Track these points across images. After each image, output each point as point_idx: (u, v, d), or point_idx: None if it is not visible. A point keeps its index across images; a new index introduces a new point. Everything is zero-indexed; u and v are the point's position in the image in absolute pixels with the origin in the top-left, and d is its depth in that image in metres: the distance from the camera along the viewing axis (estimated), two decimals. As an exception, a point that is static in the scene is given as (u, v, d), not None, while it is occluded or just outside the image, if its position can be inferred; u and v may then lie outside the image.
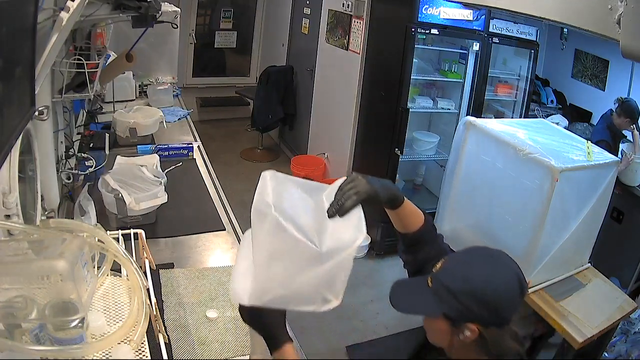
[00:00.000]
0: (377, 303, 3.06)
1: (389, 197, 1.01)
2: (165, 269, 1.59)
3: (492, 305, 0.94)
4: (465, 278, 0.96)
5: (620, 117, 3.34)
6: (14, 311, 0.75)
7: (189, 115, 3.19)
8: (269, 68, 4.86)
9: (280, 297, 0.86)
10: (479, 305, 0.94)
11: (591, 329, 1.85)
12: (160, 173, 1.98)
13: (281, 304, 0.88)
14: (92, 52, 1.81)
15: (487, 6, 1.69)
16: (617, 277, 2.81)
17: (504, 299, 0.95)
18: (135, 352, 0.90)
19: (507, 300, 0.96)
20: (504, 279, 0.96)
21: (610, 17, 1.03)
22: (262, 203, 0.83)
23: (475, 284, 0.95)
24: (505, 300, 0.95)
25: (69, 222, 0.99)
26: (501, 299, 0.95)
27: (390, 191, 1.02)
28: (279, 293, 0.85)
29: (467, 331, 0.96)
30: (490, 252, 1.01)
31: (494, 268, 0.98)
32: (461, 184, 2.27)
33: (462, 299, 0.95)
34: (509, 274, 0.97)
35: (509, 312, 0.97)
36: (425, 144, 3.68)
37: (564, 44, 4.33)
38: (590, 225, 2.08)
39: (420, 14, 3.13)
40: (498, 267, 0.99)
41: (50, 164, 1.56)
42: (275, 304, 0.88)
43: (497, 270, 0.98)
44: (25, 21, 0.85)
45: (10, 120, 0.84)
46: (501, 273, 0.97)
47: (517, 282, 0.97)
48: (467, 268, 0.99)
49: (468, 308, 0.94)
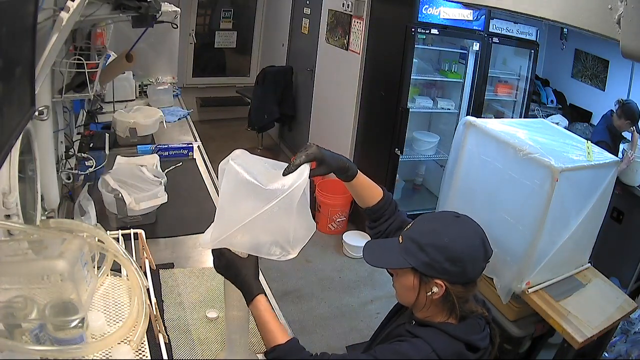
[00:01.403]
0: (377, 303, 3.07)
1: (338, 165, 1.11)
2: (165, 269, 1.59)
3: (458, 261, 1.00)
4: (434, 233, 1.03)
5: (620, 118, 3.35)
6: (14, 311, 0.75)
7: (189, 115, 3.19)
8: (266, 68, 4.87)
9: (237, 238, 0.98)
10: (446, 259, 1.00)
11: (591, 329, 1.85)
12: (160, 173, 1.98)
13: (241, 245, 1.00)
14: (92, 52, 1.81)
15: (487, 6, 1.68)
16: (617, 277, 2.81)
17: (469, 256, 1.01)
18: (135, 352, 0.90)
19: (472, 258, 1.02)
20: (470, 239, 1.03)
21: (610, 17, 1.03)
22: (224, 161, 0.98)
23: (443, 239, 1.01)
24: (470, 258, 1.02)
25: (69, 222, 0.99)
26: (466, 256, 1.01)
27: (341, 161, 1.12)
28: (235, 234, 0.97)
29: (435, 287, 1.02)
30: (458, 215, 1.08)
31: (461, 228, 1.05)
32: (461, 184, 2.27)
33: (429, 250, 1.01)
34: (475, 236, 1.04)
35: (473, 272, 1.03)
36: (425, 144, 3.69)
37: (564, 44, 4.33)
38: (590, 225, 2.08)
39: (420, 14, 3.13)
40: (465, 228, 1.06)
41: (50, 164, 1.56)
42: (234, 245, 1.00)
43: (464, 230, 1.05)
44: (25, 21, 0.85)
45: (10, 120, 0.84)
46: (467, 234, 1.04)
47: (482, 244, 1.04)
48: (435, 225, 1.06)
49: (436, 260, 1.00)
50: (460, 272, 1.01)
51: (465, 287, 1.04)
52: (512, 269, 1.99)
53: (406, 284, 1.06)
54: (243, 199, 0.97)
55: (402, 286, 1.08)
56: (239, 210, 0.97)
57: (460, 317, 1.06)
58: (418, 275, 1.03)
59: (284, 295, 3.06)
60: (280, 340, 1.00)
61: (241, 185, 0.96)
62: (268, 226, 0.97)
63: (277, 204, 0.95)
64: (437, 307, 1.06)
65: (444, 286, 1.02)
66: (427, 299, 1.04)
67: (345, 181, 1.17)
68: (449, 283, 1.02)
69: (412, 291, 1.05)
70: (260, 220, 0.95)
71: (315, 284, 3.22)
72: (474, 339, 1.03)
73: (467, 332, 1.04)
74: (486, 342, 1.06)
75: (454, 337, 1.02)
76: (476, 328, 1.06)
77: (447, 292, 1.02)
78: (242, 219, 0.96)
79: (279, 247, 1.01)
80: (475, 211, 2.20)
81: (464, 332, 1.03)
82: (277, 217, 0.96)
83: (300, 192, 0.98)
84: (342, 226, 3.83)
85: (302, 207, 1.02)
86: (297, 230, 1.01)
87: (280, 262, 3.53)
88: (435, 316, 1.07)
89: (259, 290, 1.03)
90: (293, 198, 0.97)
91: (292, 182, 0.97)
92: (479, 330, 1.05)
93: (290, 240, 1.00)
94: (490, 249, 1.06)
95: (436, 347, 0.99)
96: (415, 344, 1.00)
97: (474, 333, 1.04)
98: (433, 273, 1.01)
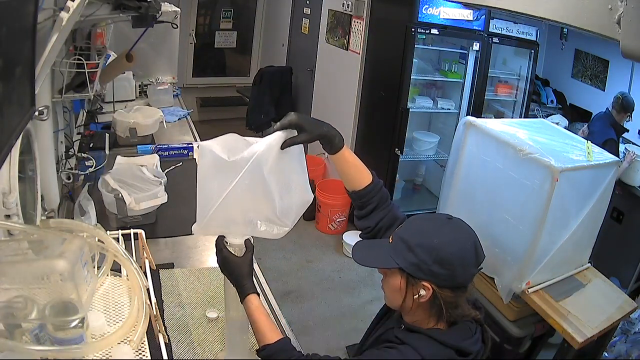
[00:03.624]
0: (377, 303, 3.06)
1: (320, 132, 1.06)
2: (165, 269, 1.59)
3: (447, 264, 0.97)
4: (424, 234, 1.00)
5: (620, 113, 3.35)
6: (14, 311, 0.75)
7: (189, 115, 3.19)
8: (264, 68, 4.87)
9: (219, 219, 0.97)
10: (434, 261, 0.97)
11: (591, 329, 1.85)
12: (160, 173, 1.98)
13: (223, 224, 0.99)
14: (92, 52, 1.81)
15: (487, 6, 1.68)
16: (617, 277, 2.81)
17: (459, 260, 0.98)
18: (135, 352, 0.90)
19: (462, 262, 0.98)
20: (461, 242, 0.99)
21: (610, 17, 1.03)
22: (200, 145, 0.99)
23: (433, 241, 0.98)
24: (460, 262, 0.98)
25: (69, 222, 0.99)
26: (456, 259, 0.97)
27: (323, 129, 1.07)
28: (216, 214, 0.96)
29: (422, 290, 0.99)
30: (451, 217, 1.05)
31: (453, 231, 1.01)
32: (461, 184, 2.27)
33: (418, 251, 0.98)
34: (467, 240, 1.00)
35: (462, 276, 0.99)
36: (425, 144, 3.69)
37: (564, 44, 4.33)
38: (590, 225, 2.07)
39: (420, 14, 3.13)
40: (457, 231, 1.02)
41: (50, 164, 1.56)
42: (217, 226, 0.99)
43: (455, 233, 1.01)
44: (25, 21, 0.85)
45: (10, 120, 0.84)
46: (459, 237, 1.00)
47: (473, 249, 0.99)
48: (427, 226, 1.03)
49: (423, 261, 0.97)
50: (448, 276, 0.97)
51: (454, 292, 1.00)
52: (512, 269, 1.99)
53: (393, 285, 1.03)
54: (215, 176, 0.95)
55: (389, 287, 1.05)
56: (213, 189, 0.95)
57: (450, 322, 1.03)
58: (405, 277, 1.00)
59: (284, 295, 3.06)
60: (270, 339, 0.99)
61: (212, 162, 0.94)
62: (247, 200, 0.95)
63: (245, 175, 0.92)
64: (424, 312, 1.03)
65: (431, 289, 0.98)
66: (414, 302, 1.01)
67: (330, 153, 1.12)
68: (436, 286, 0.98)
69: (399, 293, 1.02)
70: (235, 194, 0.93)
71: (315, 284, 3.22)
72: (464, 345, 0.99)
73: (457, 337, 1.00)
74: (478, 346, 1.03)
75: (443, 343, 0.98)
76: (467, 332, 1.02)
77: (434, 296, 0.99)
78: (218, 197, 0.94)
79: (268, 221, 0.98)
80: (475, 211, 2.21)
81: (453, 339, 1.00)
82: (252, 188, 0.94)
83: (269, 158, 0.95)
84: (342, 226, 3.83)
85: (285, 175, 0.99)
86: (283, 199, 0.98)
87: (281, 262, 3.54)
88: (423, 321, 1.04)
89: (251, 290, 1.03)
90: (261, 165, 0.93)
91: (255, 149, 0.93)
92: (469, 335, 1.02)
93: (277, 211, 0.97)
94: (482, 255, 1.01)
95: (425, 355, 0.96)
96: (403, 352, 0.97)
97: (464, 338, 1.01)
98: (420, 275, 0.98)
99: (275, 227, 1.00)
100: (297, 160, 1.04)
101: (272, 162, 0.96)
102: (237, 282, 1.03)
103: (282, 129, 1.01)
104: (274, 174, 0.96)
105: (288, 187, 1.01)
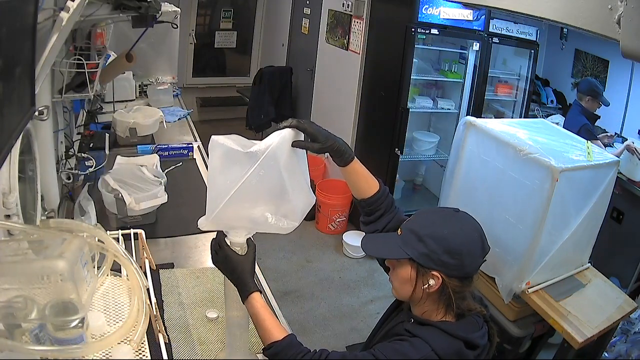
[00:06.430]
0: (377, 303, 3.07)
1: (331, 145, 1.07)
2: (165, 269, 1.59)
3: (456, 254, 1.01)
4: (433, 225, 1.04)
5: (582, 99, 3.34)
6: (14, 311, 0.75)
7: (189, 115, 3.19)
8: (263, 68, 4.87)
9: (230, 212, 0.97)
10: (444, 250, 1.01)
11: (591, 329, 1.85)
12: (160, 173, 1.98)
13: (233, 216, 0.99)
14: (92, 52, 1.81)
15: (487, 6, 1.68)
16: (617, 277, 2.81)
17: (467, 250, 1.02)
18: (135, 352, 0.90)
19: (470, 252, 1.03)
20: (468, 234, 1.04)
21: (610, 17, 1.03)
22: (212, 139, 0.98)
23: (442, 231, 1.02)
24: (468, 252, 1.02)
25: (69, 222, 0.99)
26: (465, 249, 1.02)
27: (335, 143, 1.08)
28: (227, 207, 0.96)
29: (431, 279, 1.03)
30: (458, 210, 1.09)
31: (460, 222, 1.06)
32: (461, 184, 2.27)
33: (428, 241, 1.02)
34: (474, 231, 1.05)
35: (470, 266, 1.04)
36: (425, 144, 3.69)
37: (564, 44, 4.33)
38: (590, 225, 2.07)
39: (420, 14, 3.13)
40: (464, 223, 1.07)
41: (50, 164, 1.56)
42: (227, 219, 0.99)
43: (463, 224, 1.06)
44: (25, 21, 0.85)
45: (10, 120, 0.84)
46: (467, 228, 1.05)
47: (480, 239, 1.05)
48: (435, 218, 1.08)
49: (434, 251, 1.01)
50: (457, 265, 1.01)
51: (462, 282, 1.04)
52: (512, 269, 1.99)
53: (403, 276, 1.06)
54: (228, 169, 0.96)
55: (399, 279, 1.08)
56: (226, 181, 0.96)
57: (458, 314, 1.07)
58: (415, 267, 1.04)
59: (284, 295, 3.06)
60: (277, 336, 1.00)
61: (225, 155, 0.96)
62: (259, 192, 0.96)
63: (260, 165, 0.94)
64: (433, 303, 1.06)
65: (441, 278, 1.02)
66: (423, 293, 1.05)
67: (340, 165, 1.14)
68: (445, 276, 1.02)
69: (409, 283, 1.06)
70: (249, 185, 0.94)
71: (315, 284, 3.22)
72: (472, 337, 1.03)
73: (466, 329, 1.04)
74: (485, 340, 1.07)
75: (452, 335, 1.02)
76: (474, 326, 1.06)
77: (443, 286, 1.03)
78: (230, 189, 0.95)
79: (278, 215, 0.99)
80: (475, 211, 2.19)
81: (462, 330, 1.03)
82: (265, 180, 0.95)
83: (283, 152, 0.97)
84: (342, 226, 3.83)
85: (294, 173, 1.00)
86: (293, 193, 0.99)
87: (281, 262, 3.54)
88: (432, 312, 1.07)
89: (255, 288, 1.03)
90: (276, 158, 0.96)
91: (269, 142, 0.96)
92: (477, 328, 1.06)
93: (290, 204, 0.99)
94: (487, 246, 1.06)
95: (435, 347, 0.99)
96: (414, 344, 1.00)
97: (472, 331, 1.04)
98: (430, 264, 1.02)
99: (286, 221, 1.00)
100: (303, 161, 1.06)
101: (286, 155, 0.98)
102: (240, 280, 1.03)
103: (289, 127, 1.02)
104: (287, 167, 0.98)
105: (298, 182, 1.02)
